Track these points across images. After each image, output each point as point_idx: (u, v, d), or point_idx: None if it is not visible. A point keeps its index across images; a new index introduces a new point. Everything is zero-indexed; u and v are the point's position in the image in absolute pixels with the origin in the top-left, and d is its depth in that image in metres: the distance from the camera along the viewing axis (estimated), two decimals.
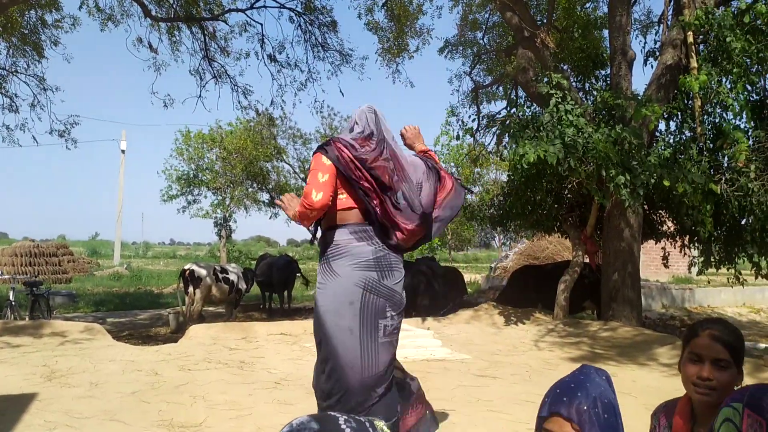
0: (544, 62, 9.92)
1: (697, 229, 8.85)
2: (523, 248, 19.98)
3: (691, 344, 1.96)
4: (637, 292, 9.75)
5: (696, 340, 1.95)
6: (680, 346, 2.10)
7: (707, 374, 1.88)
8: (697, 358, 1.93)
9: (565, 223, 10.68)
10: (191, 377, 6.05)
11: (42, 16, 12.96)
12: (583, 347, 8.18)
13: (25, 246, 21.44)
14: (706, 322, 2.00)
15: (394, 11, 12.98)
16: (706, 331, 1.93)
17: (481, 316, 10.21)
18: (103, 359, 6.82)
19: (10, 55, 13.25)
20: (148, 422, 4.50)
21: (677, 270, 18.71)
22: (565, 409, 1.47)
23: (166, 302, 15.73)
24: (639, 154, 8.32)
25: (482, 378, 6.32)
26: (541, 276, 11.49)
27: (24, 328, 8.19)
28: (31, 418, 4.53)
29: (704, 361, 1.91)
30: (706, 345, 1.91)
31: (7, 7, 9.94)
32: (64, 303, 13.92)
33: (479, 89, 13.81)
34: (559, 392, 1.51)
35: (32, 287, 10.21)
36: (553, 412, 1.48)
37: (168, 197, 26.22)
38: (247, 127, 23.33)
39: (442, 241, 27.57)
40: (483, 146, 13.17)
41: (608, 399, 1.50)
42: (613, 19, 9.90)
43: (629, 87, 9.81)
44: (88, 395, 5.26)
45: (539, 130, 8.52)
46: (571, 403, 1.46)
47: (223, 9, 13.24)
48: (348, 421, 1.07)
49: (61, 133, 13.98)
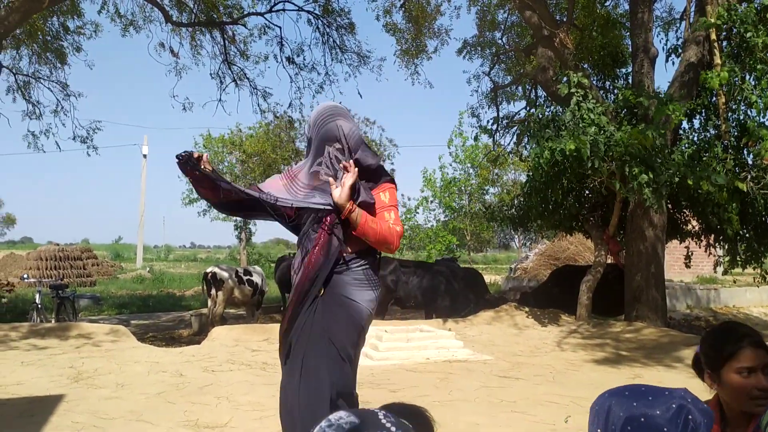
0: (564, 61, 9.85)
1: (723, 227, 8.73)
2: (543, 249, 19.87)
3: (737, 359, 1.85)
4: (661, 293, 9.63)
5: (741, 353, 1.84)
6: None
7: (767, 383, 1.80)
8: (748, 371, 1.83)
9: (587, 223, 10.58)
10: (215, 378, 6.10)
11: (64, 23, 13.13)
12: (607, 348, 8.10)
13: (50, 250, 21.73)
14: (733, 332, 1.91)
15: (412, 12, 12.98)
16: (746, 340, 1.85)
17: (503, 317, 10.15)
18: (129, 361, 6.90)
19: (33, 61, 13.45)
20: (174, 423, 4.54)
21: (701, 270, 18.46)
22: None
23: (187, 305, 15.85)
24: (662, 152, 8.22)
25: (505, 379, 6.28)
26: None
27: (50, 330, 8.30)
28: (59, 420, 4.59)
29: (757, 371, 1.82)
30: (754, 355, 1.83)
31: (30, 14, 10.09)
32: (88, 306, 14.09)
33: (498, 89, 13.75)
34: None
35: (58, 290, 10.33)
36: None
37: (189, 201, 26.43)
38: (266, 130, 23.45)
39: (462, 242, 27.43)
40: (501, 147, 13.12)
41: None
42: (634, 16, 9.81)
43: (651, 85, 9.71)
44: (115, 396, 5.32)
45: (560, 129, 8.47)
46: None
47: (243, 13, 13.33)
48: (387, 416, 1.07)
49: (83, 139, 14.15)
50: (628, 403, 1.34)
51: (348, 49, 13.71)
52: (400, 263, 11.82)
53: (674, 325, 10.92)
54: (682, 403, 1.31)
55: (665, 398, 1.33)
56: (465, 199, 26.63)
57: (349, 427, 1.05)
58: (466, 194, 26.49)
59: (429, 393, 5.61)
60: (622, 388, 1.41)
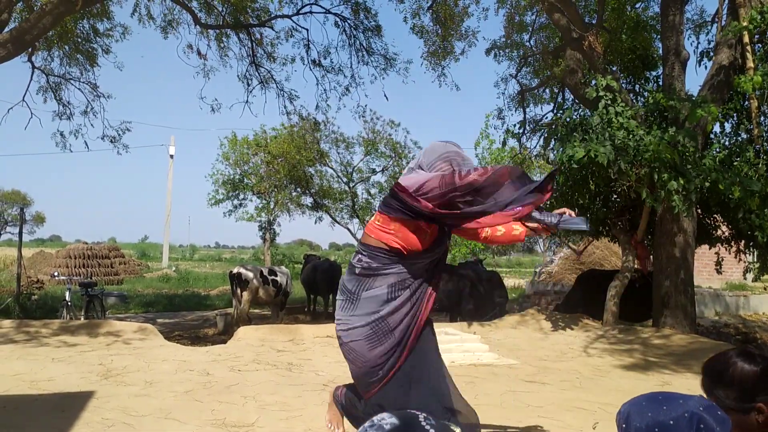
0: (593, 63, 9.75)
1: (754, 233, 8.57)
2: (568, 253, 19.66)
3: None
4: (690, 299, 9.47)
5: None
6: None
7: None
8: None
9: (615, 228, 10.44)
10: (241, 378, 6.14)
11: (94, 25, 13.34)
12: (635, 354, 7.99)
13: (79, 248, 22.10)
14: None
15: (439, 14, 12.95)
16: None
17: (528, 321, 10.08)
18: (156, 359, 6.98)
19: (64, 63, 13.69)
20: (202, 421, 4.58)
21: (730, 276, 18.14)
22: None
23: (212, 304, 16.01)
24: (693, 157, 8.10)
25: (531, 384, 6.23)
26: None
27: (80, 327, 8.43)
28: (89, 416, 4.66)
29: None
30: None
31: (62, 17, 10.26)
32: (115, 304, 14.31)
33: (525, 92, 13.66)
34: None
35: (87, 288, 10.51)
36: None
37: (215, 201, 26.67)
38: (291, 132, 23.56)
39: (486, 245, 27.27)
40: (527, 149, 13.03)
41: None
42: (665, 19, 9.68)
43: (683, 88, 9.57)
44: (144, 394, 5.39)
45: (588, 132, 8.39)
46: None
47: (270, 15, 13.42)
48: (428, 419, 1.07)
49: (112, 139, 14.36)
50: (644, 413, 1.37)
51: (375, 52, 13.74)
52: None
53: (702, 332, 10.75)
54: (694, 411, 1.33)
55: (679, 406, 1.35)
56: None
57: (390, 428, 1.05)
58: None
59: None
60: (641, 397, 1.44)
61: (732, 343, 8.88)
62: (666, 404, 1.36)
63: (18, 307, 10.93)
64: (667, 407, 1.35)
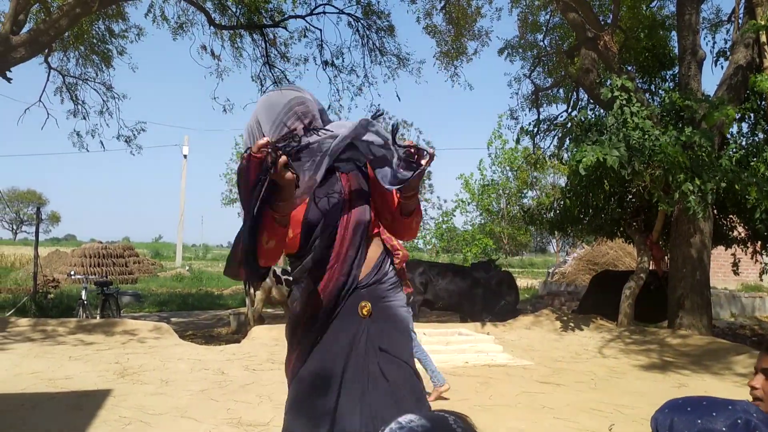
0: (608, 63, 9.69)
1: None
2: (582, 253, 19.55)
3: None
4: (706, 300, 9.39)
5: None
6: (757, 356, 1.97)
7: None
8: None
9: (629, 228, 10.37)
10: (256, 377, 6.17)
11: (109, 27, 13.45)
12: (651, 355, 7.94)
13: (94, 247, 22.25)
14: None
15: (452, 14, 12.94)
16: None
17: (542, 322, 10.04)
18: (172, 357, 7.03)
19: (80, 63, 13.81)
20: (218, 420, 4.60)
21: (746, 277, 17.96)
22: None
23: (225, 303, 16.06)
24: (710, 158, 8.03)
25: (546, 385, 6.21)
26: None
27: (97, 326, 8.50)
28: (107, 414, 4.70)
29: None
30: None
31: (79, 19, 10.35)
32: (130, 303, 14.39)
33: (539, 92, 13.61)
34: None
35: (103, 287, 10.58)
36: None
37: (228, 201, 26.76)
38: None
39: (498, 246, 27.17)
40: (540, 150, 12.97)
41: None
42: (681, 18, 9.61)
43: (699, 87, 9.49)
44: (160, 392, 5.42)
45: (602, 133, 8.34)
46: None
47: (284, 16, 13.46)
48: (456, 421, 1.06)
49: (127, 139, 14.46)
50: (692, 419, 1.30)
51: (387, 52, 13.75)
52: (428, 265, 11.79)
53: (718, 333, 10.63)
54: (748, 418, 1.26)
55: (729, 412, 1.28)
56: (502, 202, 26.40)
57: (420, 431, 1.04)
58: (504, 197, 26.27)
59: (469, 397, 5.58)
60: (682, 403, 1.36)
61: (748, 344, 8.78)
62: (714, 410, 1.29)
63: (34, 305, 11.02)
64: (716, 413, 1.28)
